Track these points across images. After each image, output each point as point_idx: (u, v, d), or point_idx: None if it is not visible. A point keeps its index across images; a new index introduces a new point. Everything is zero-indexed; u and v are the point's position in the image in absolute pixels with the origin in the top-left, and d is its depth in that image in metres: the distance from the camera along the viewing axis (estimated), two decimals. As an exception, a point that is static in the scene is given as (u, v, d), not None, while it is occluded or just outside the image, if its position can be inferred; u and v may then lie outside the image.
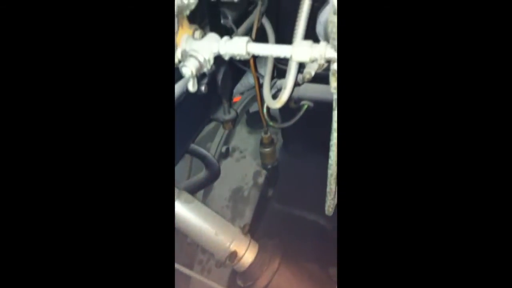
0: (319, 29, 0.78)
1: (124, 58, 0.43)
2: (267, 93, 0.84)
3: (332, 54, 0.57)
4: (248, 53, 0.61)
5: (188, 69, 0.60)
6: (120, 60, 0.43)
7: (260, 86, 0.92)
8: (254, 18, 0.93)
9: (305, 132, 1.09)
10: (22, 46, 0.40)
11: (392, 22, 0.42)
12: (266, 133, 1.13)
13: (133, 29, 0.43)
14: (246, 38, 0.61)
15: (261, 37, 0.94)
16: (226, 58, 0.63)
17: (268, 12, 0.96)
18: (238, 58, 0.62)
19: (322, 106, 0.95)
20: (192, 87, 0.63)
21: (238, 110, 1.33)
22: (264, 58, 1.01)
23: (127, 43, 0.43)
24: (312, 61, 0.59)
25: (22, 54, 0.40)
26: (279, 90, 0.94)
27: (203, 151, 1.06)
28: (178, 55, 0.61)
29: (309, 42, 0.58)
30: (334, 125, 0.68)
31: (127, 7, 0.43)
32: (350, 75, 0.43)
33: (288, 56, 0.60)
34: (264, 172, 1.22)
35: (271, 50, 0.61)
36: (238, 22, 0.90)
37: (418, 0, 0.41)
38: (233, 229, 0.88)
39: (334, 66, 0.58)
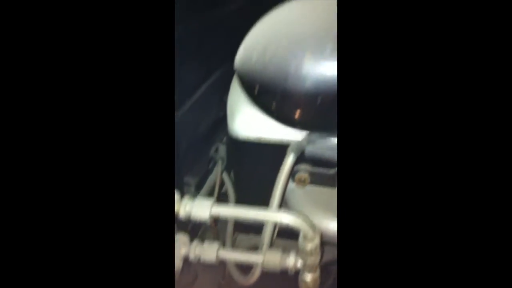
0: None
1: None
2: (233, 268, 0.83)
3: (301, 265, 0.60)
4: (217, 258, 0.63)
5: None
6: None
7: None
8: (215, 176, 0.96)
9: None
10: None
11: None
12: None
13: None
14: (216, 246, 0.62)
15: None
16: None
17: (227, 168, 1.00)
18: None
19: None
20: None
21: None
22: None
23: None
24: (282, 269, 0.61)
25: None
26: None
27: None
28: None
29: (279, 253, 0.61)
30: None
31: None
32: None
33: (259, 263, 0.61)
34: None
35: (242, 257, 0.62)
36: (199, 186, 0.92)
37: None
38: None
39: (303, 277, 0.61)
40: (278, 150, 0.73)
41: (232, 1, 1.06)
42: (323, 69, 0.47)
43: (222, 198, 1.01)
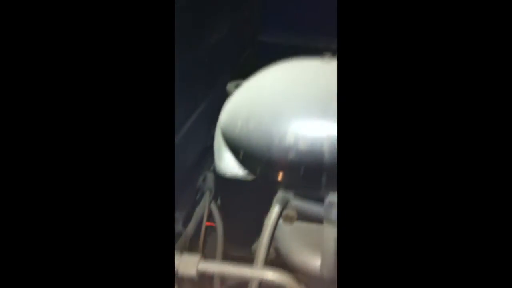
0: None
1: None
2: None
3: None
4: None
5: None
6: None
7: None
8: (202, 208, 0.96)
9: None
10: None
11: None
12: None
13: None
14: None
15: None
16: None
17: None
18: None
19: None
20: None
21: None
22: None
23: None
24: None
25: None
26: None
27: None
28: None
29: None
30: None
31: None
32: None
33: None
34: None
35: None
36: (187, 220, 0.92)
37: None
38: None
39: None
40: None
41: (217, 32, 1.05)
42: (307, 141, 0.47)
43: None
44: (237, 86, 0.89)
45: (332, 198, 0.52)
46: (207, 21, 1.02)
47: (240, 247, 0.97)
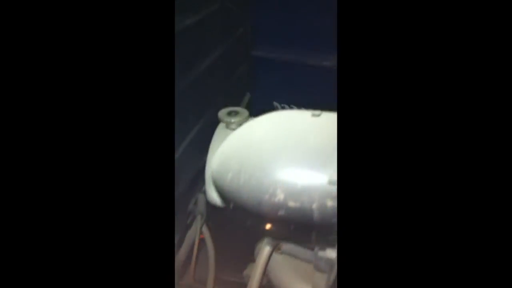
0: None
1: None
2: None
3: None
4: None
5: None
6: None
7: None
8: (194, 232, 0.95)
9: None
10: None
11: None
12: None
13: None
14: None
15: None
16: None
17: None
18: None
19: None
20: None
21: None
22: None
23: None
24: None
25: None
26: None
27: None
28: None
29: None
30: None
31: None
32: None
33: None
34: None
35: None
36: (178, 244, 0.92)
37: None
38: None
39: None
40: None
41: (212, 51, 1.05)
42: (297, 198, 0.47)
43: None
44: (229, 114, 0.89)
45: (321, 252, 0.51)
46: (202, 44, 1.01)
47: (232, 271, 0.97)
